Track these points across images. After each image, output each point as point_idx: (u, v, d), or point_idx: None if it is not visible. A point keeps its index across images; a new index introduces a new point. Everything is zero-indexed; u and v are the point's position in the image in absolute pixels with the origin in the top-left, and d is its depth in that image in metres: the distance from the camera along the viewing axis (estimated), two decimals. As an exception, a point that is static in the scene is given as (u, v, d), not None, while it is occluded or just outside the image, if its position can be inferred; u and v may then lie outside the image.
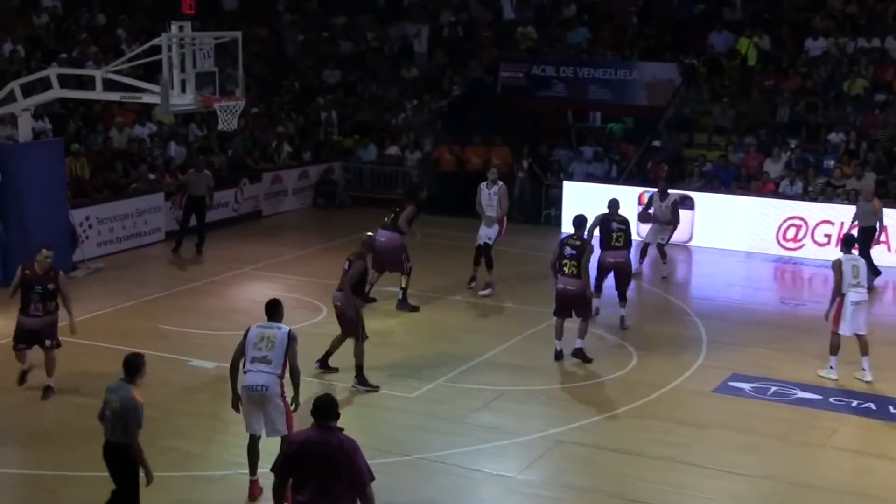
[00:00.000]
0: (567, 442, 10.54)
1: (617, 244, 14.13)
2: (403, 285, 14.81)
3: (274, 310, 9.23)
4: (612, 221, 14.27)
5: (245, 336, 9.13)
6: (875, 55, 22.04)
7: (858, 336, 12.21)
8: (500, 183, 16.02)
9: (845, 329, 12.15)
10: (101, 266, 16.97)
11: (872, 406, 11.59)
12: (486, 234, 15.76)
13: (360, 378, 11.67)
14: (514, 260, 17.41)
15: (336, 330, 12.15)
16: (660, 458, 10.19)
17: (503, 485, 9.70)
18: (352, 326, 11.74)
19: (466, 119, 23.33)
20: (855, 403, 11.65)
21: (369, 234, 12.68)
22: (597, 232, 14.31)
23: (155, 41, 14.99)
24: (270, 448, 8.78)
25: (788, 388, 12.05)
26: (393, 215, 15.07)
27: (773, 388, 12.02)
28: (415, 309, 14.79)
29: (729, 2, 24.46)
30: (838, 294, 12.10)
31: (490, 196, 15.85)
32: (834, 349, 12.29)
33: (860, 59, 21.95)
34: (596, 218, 14.31)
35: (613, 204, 14.60)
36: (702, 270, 18.32)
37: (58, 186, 16.34)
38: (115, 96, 15.92)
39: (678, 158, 21.32)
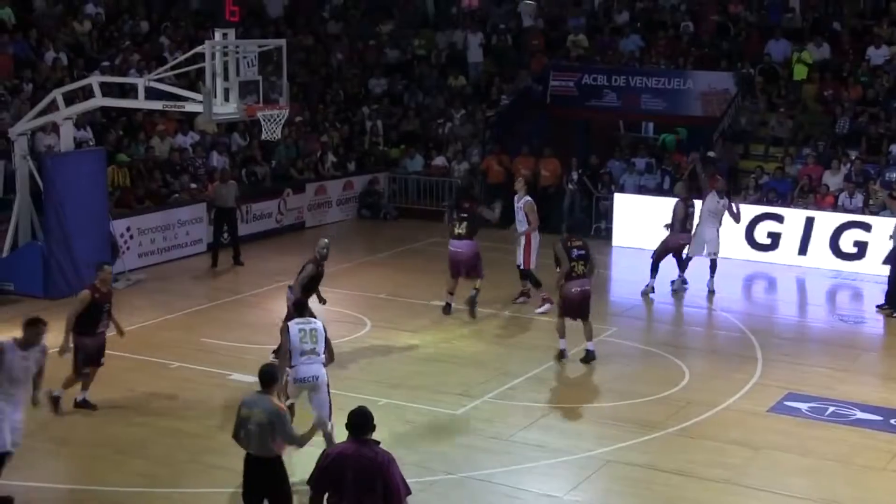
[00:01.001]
0: (617, 462, 10.54)
1: (577, 272, 13.11)
2: (478, 286, 15.17)
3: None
4: (572, 248, 13.22)
5: (286, 334, 9.93)
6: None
7: None
8: (527, 197, 15.75)
9: None
10: (142, 277, 17.25)
11: (936, 429, 11.46)
12: (517, 254, 15.67)
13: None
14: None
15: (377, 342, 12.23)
16: (714, 480, 10.15)
17: (551, 505, 9.74)
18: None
19: (515, 129, 23.41)
20: (917, 425, 11.54)
21: (325, 240, 12.72)
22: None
23: (198, 49, 15.22)
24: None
25: (847, 408, 11.94)
26: (466, 224, 15.14)
27: (831, 409, 11.93)
28: (473, 316, 15.03)
29: (788, 9, 24.33)
30: None
31: (517, 210, 15.69)
32: None
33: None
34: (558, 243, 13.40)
35: (571, 227, 14.74)
36: (755, 285, 18.18)
37: (99, 196, 16.56)
38: (157, 105, 16.19)
39: (734, 170, 21.22)
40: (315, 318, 10.38)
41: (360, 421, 7.02)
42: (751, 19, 24.61)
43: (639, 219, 19.90)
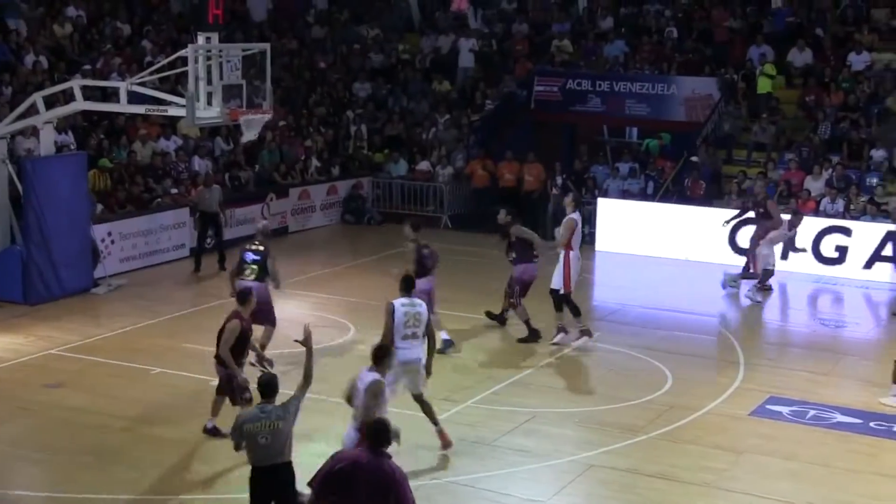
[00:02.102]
0: (600, 466, 10.62)
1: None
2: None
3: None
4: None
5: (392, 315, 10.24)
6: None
7: None
8: (573, 215, 14.23)
9: None
10: (122, 283, 17.20)
11: (915, 431, 11.60)
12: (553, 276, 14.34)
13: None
14: (547, 279, 17.52)
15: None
16: (697, 484, 10.25)
17: (534, 509, 9.81)
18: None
19: (500, 134, 23.52)
20: (897, 428, 11.69)
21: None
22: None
23: (181, 52, 15.26)
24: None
25: (828, 411, 12.08)
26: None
27: (812, 412, 12.06)
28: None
29: (770, 14, 24.52)
30: None
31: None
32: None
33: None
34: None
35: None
36: (738, 291, 18.32)
37: (80, 201, 16.50)
38: (139, 109, 16.19)
39: (717, 175, 21.39)
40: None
41: (382, 431, 7.02)
42: (734, 25, 24.78)
43: (622, 223, 20.07)
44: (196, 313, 15.73)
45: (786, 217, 17.35)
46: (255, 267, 12.92)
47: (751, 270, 17.39)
